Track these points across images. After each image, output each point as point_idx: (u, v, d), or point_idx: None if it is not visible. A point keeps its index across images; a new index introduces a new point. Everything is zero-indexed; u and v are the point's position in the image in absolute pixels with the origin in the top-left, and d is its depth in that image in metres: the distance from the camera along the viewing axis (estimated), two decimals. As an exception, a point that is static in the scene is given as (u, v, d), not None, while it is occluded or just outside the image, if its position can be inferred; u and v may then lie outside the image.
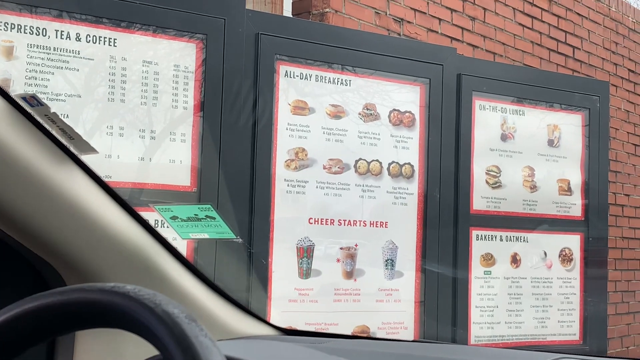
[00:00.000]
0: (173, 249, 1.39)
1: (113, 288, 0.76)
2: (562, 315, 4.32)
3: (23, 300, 0.79)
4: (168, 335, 0.70)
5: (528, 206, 4.25)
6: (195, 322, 0.72)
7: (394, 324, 3.71)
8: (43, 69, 2.94)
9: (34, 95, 1.10)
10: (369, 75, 3.73)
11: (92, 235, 1.21)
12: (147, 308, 0.73)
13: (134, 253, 1.28)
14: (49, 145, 1.15)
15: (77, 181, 1.19)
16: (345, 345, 1.39)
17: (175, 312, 0.72)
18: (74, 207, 1.18)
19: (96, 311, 0.77)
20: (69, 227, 1.19)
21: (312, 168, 3.53)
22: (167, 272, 1.34)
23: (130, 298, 0.74)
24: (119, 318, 0.75)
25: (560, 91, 4.40)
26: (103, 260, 1.25)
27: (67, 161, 1.18)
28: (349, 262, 3.60)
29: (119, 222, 1.26)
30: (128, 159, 3.08)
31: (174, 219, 1.37)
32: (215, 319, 1.43)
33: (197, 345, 0.69)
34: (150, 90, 3.15)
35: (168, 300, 0.74)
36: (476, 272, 4.04)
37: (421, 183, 3.82)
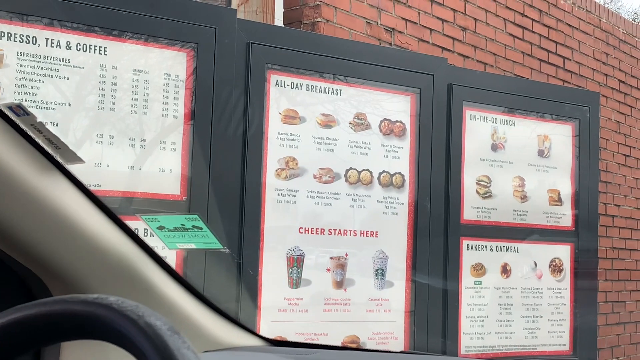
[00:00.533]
0: (159, 259, 1.38)
1: (96, 300, 0.76)
2: (552, 326, 4.32)
3: (6, 312, 0.79)
4: (150, 347, 0.70)
5: (518, 216, 4.26)
6: (178, 334, 0.71)
7: (384, 334, 3.70)
8: (33, 77, 2.93)
9: (20, 104, 1.09)
10: (360, 84, 3.73)
11: (78, 245, 1.21)
12: (129, 320, 0.72)
13: (120, 263, 1.27)
14: (35, 154, 1.14)
15: (63, 191, 1.19)
16: (331, 357, 1.39)
17: (158, 324, 0.72)
18: (60, 217, 1.17)
19: (79, 323, 0.76)
20: (54, 236, 1.18)
21: (303, 177, 3.53)
22: (153, 282, 1.33)
23: (113, 310, 0.74)
24: (102, 330, 0.75)
25: (551, 101, 4.41)
26: (89, 270, 1.24)
27: (53, 171, 1.17)
28: (339, 271, 3.59)
29: (105, 232, 1.25)
30: (118, 168, 3.07)
31: (160, 229, 1.37)
32: (201, 329, 1.43)
33: (179, 357, 0.69)
34: (141, 99, 3.15)
35: (151, 312, 0.74)
36: (466, 282, 4.04)
37: (412, 193, 3.82)
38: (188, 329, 1.40)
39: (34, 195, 1.13)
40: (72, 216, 1.19)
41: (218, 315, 1.54)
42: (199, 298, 1.49)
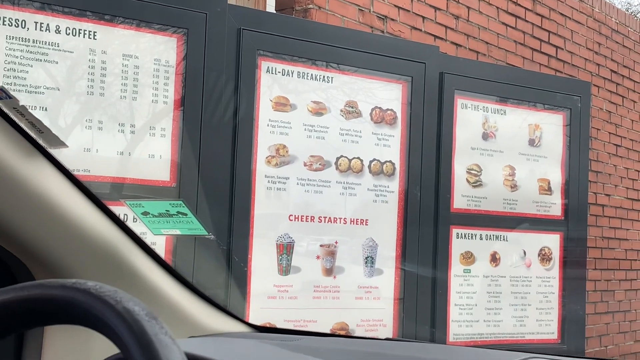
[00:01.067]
0: (145, 245, 1.38)
1: (74, 284, 0.76)
2: (541, 314, 4.34)
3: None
4: (127, 332, 0.69)
5: (508, 205, 4.27)
6: (156, 319, 0.71)
7: (373, 321, 3.71)
8: (22, 61, 2.92)
9: (2, 87, 1.08)
10: (352, 72, 3.73)
11: (61, 230, 1.20)
12: (107, 305, 0.72)
13: (104, 249, 1.27)
14: (17, 138, 1.13)
15: (47, 175, 1.18)
16: (315, 343, 1.39)
17: (136, 309, 0.72)
18: (43, 202, 1.16)
19: (57, 307, 0.76)
20: (37, 221, 1.17)
21: (293, 165, 3.52)
22: (139, 268, 1.33)
23: (91, 295, 0.74)
24: (80, 315, 0.75)
25: (542, 91, 4.41)
26: (72, 255, 1.24)
27: (36, 155, 1.16)
28: (329, 259, 3.60)
29: (90, 217, 1.25)
30: (107, 154, 3.06)
31: (145, 215, 1.36)
32: (186, 316, 1.43)
33: (157, 343, 0.68)
34: (130, 85, 3.13)
35: (129, 298, 0.73)
36: (456, 270, 4.06)
37: (402, 181, 3.82)
38: (173, 316, 1.40)
39: (16, 180, 1.12)
40: (56, 201, 1.19)
41: (204, 302, 1.53)
42: (185, 285, 1.49)
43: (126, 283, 1.29)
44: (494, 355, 1.34)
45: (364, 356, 1.26)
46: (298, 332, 1.67)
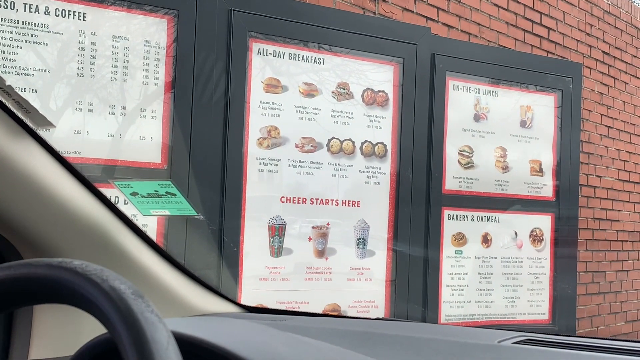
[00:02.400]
0: (134, 225, 1.38)
1: (60, 263, 0.75)
2: (532, 295, 4.36)
3: (-31, 275, 0.78)
4: (113, 311, 0.69)
5: (500, 186, 4.28)
6: (142, 297, 0.71)
7: (364, 302, 3.73)
8: (11, 43, 2.90)
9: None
10: (343, 54, 3.71)
11: (49, 210, 1.20)
12: (93, 283, 0.72)
13: (92, 229, 1.26)
14: (4, 118, 1.13)
15: (34, 156, 1.17)
16: (305, 323, 1.39)
17: (122, 287, 0.71)
18: (30, 182, 1.16)
19: (43, 287, 0.76)
20: (24, 201, 1.17)
21: (285, 146, 3.52)
22: (127, 248, 1.33)
23: (77, 273, 0.73)
24: (66, 293, 0.74)
25: (534, 72, 4.41)
26: (60, 235, 1.23)
27: (23, 135, 1.16)
28: (321, 240, 3.60)
29: (77, 197, 1.24)
30: (98, 136, 3.05)
31: (133, 195, 1.36)
32: (176, 296, 1.43)
33: (142, 321, 0.68)
34: (121, 67, 3.12)
35: (115, 276, 0.73)
36: (447, 251, 4.07)
37: (394, 162, 3.82)
38: (162, 296, 1.40)
39: (3, 160, 1.12)
40: (43, 181, 1.18)
41: (194, 283, 1.54)
42: (175, 266, 1.49)
43: (115, 263, 1.29)
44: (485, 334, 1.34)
45: (355, 335, 1.26)
46: (288, 312, 1.67)
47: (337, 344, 1.05)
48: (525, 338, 1.29)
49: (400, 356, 1.10)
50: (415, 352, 1.13)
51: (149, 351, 0.64)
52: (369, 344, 1.17)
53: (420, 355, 1.11)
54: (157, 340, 0.66)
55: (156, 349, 0.65)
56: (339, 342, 1.10)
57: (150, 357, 0.64)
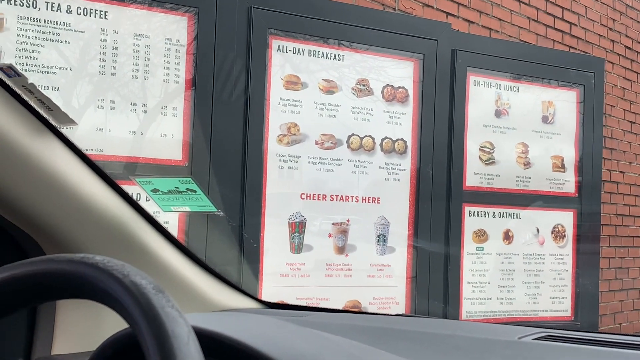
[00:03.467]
0: (155, 222, 1.39)
1: (82, 259, 0.76)
2: (554, 292, 4.34)
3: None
4: (135, 305, 0.70)
5: (521, 183, 4.25)
6: (163, 293, 0.72)
7: (385, 299, 3.73)
8: (34, 42, 2.93)
9: (11, 65, 1.09)
10: (363, 50, 3.71)
11: (71, 206, 1.21)
12: (114, 279, 0.73)
13: (114, 225, 1.27)
14: (27, 116, 1.14)
15: (56, 152, 1.19)
16: (325, 319, 1.39)
17: (143, 282, 0.72)
18: (53, 179, 1.17)
19: (65, 282, 0.76)
20: (47, 198, 1.18)
21: (305, 143, 3.52)
22: (148, 244, 1.34)
23: (99, 269, 0.74)
24: (88, 289, 0.75)
25: (556, 67, 4.38)
26: (82, 231, 1.24)
27: (45, 132, 1.17)
28: (341, 237, 3.60)
29: (99, 194, 1.25)
30: (120, 133, 3.07)
31: (154, 192, 1.37)
32: (196, 292, 1.44)
33: (163, 315, 0.69)
34: (142, 64, 3.14)
35: (136, 271, 0.74)
36: (468, 248, 4.05)
37: (414, 159, 3.82)
38: (183, 292, 1.41)
39: (26, 157, 1.13)
40: (66, 178, 1.19)
41: (215, 279, 1.54)
42: (195, 262, 1.50)
43: (136, 259, 1.30)
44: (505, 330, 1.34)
45: (375, 331, 1.26)
46: (308, 308, 1.68)
47: (357, 339, 1.05)
48: (546, 334, 1.28)
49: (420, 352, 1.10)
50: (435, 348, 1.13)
51: (169, 346, 0.65)
52: (389, 340, 1.17)
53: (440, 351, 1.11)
54: (177, 335, 0.66)
55: (177, 344, 0.65)
56: (359, 338, 1.10)
57: (170, 351, 0.65)
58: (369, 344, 1.02)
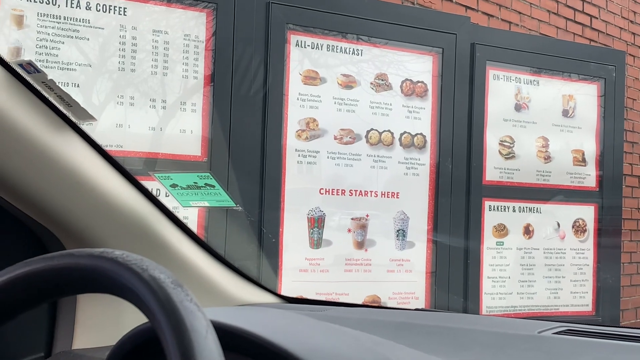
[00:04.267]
0: (174, 216, 1.39)
1: (102, 253, 0.76)
2: (575, 286, 4.31)
3: (14, 266, 0.79)
4: (153, 299, 0.70)
5: (542, 177, 4.23)
6: (181, 287, 0.72)
7: (404, 294, 3.72)
8: (54, 38, 2.95)
9: (31, 62, 1.09)
10: (382, 45, 3.70)
11: (91, 202, 1.22)
12: (133, 273, 0.73)
13: (133, 220, 1.28)
14: (46, 112, 1.15)
15: (76, 148, 1.19)
16: (344, 313, 1.39)
17: (162, 277, 0.72)
18: (72, 174, 1.18)
19: (85, 276, 0.77)
20: (67, 194, 1.19)
21: (323, 138, 3.52)
22: (167, 239, 1.34)
23: (118, 263, 0.74)
24: (107, 283, 0.75)
25: (576, 61, 4.34)
26: (102, 226, 1.25)
27: (65, 128, 1.18)
28: (360, 232, 3.60)
29: (118, 189, 1.26)
30: (139, 129, 3.09)
31: (173, 187, 1.37)
32: (215, 286, 1.44)
33: (182, 309, 0.69)
34: (161, 60, 3.15)
35: (155, 266, 0.74)
36: (488, 242, 4.04)
37: (433, 153, 3.80)
38: (202, 286, 1.41)
39: (46, 153, 1.14)
40: (85, 173, 1.20)
41: (234, 273, 1.55)
42: (214, 256, 1.50)
43: (155, 254, 1.31)
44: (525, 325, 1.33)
45: (394, 326, 1.26)
46: (328, 303, 1.68)
47: (376, 334, 1.05)
48: (566, 328, 1.27)
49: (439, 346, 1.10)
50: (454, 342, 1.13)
51: (188, 339, 0.65)
52: (408, 334, 1.17)
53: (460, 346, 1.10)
54: (196, 328, 0.67)
55: (195, 338, 0.66)
56: (378, 332, 1.10)
57: (189, 345, 0.65)
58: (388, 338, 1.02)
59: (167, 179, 1.36)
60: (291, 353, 0.79)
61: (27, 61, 1.09)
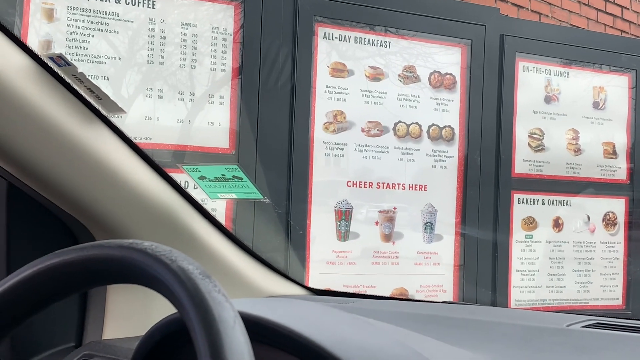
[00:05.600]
0: (203, 209, 1.40)
1: (131, 244, 0.77)
2: (605, 280, 4.27)
3: (45, 257, 0.81)
4: (182, 290, 0.71)
5: (572, 170, 4.19)
6: (209, 278, 0.72)
7: (432, 287, 3.71)
8: (83, 32, 2.97)
9: (61, 55, 1.10)
10: (410, 37, 3.68)
11: (121, 194, 1.23)
12: (162, 264, 0.73)
13: (162, 212, 1.29)
14: (76, 104, 1.16)
15: (106, 141, 1.20)
16: (371, 306, 1.40)
17: (190, 268, 0.73)
18: (102, 166, 1.19)
19: (115, 267, 0.78)
20: (97, 186, 1.20)
21: (351, 131, 3.52)
22: (196, 231, 1.35)
23: (147, 254, 0.75)
24: (137, 274, 0.76)
25: (607, 52, 4.29)
26: (132, 218, 1.26)
27: (95, 121, 1.19)
28: (388, 225, 3.60)
29: (148, 181, 1.27)
30: (168, 122, 3.11)
31: (201, 179, 1.38)
32: (243, 278, 1.45)
33: (210, 300, 0.69)
34: (189, 53, 3.16)
35: (184, 257, 0.75)
36: (517, 236, 4.01)
37: (462, 146, 3.78)
38: (230, 277, 1.42)
39: (76, 146, 1.15)
40: (115, 166, 1.21)
41: (261, 265, 1.56)
42: (242, 248, 1.51)
43: (184, 245, 1.32)
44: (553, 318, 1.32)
45: (421, 318, 1.26)
46: (355, 295, 1.68)
47: (403, 326, 1.05)
48: (595, 322, 1.26)
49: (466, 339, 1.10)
50: (482, 335, 1.13)
51: (216, 330, 0.66)
52: (436, 327, 1.17)
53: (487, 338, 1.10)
54: (223, 319, 0.67)
55: (223, 328, 0.66)
56: (405, 324, 1.10)
57: (217, 335, 0.65)
58: (415, 331, 1.02)
59: (195, 171, 1.37)
60: (318, 344, 0.79)
61: (58, 54, 1.11)
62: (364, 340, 0.86)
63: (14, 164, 1.13)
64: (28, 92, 1.08)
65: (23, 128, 1.09)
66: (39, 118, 1.10)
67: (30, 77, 1.08)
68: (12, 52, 1.07)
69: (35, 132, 1.10)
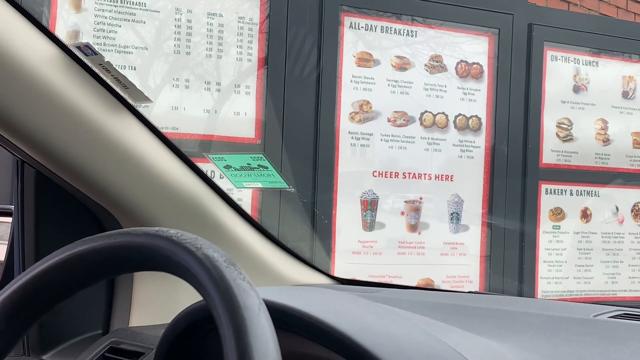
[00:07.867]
0: (229, 198, 1.41)
1: (157, 232, 0.78)
2: (634, 271, 4.22)
3: (72, 244, 0.81)
4: (207, 277, 0.71)
5: (600, 160, 4.14)
6: (235, 265, 0.73)
7: (458, 277, 3.69)
8: (111, 22, 2.99)
9: (88, 44, 1.11)
10: (437, 26, 3.66)
11: (147, 182, 1.24)
12: (188, 251, 0.74)
13: (188, 200, 1.30)
14: (103, 94, 1.17)
15: (132, 130, 1.21)
16: (396, 295, 1.39)
17: (215, 255, 0.73)
18: (129, 155, 1.20)
19: (141, 254, 0.78)
20: (124, 174, 1.21)
21: (377, 121, 3.51)
22: (222, 219, 1.36)
23: (173, 242, 0.76)
24: (162, 261, 0.77)
25: (637, 41, 4.23)
26: (158, 206, 1.27)
27: (122, 110, 1.20)
28: (414, 215, 3.58)
29: (174, 170, 1.28)
30: (194, 112, 3.12)
31: (227, 168, 1.39)
32: (268, 266, 1.45)
33: (235, 287, 0.70)
34: (215, 43, 3.17)
35: (209, 245, 0.75)
36: (545, 226, 3.98)
37: (489, 136, 3.76)
38: (255, 266, 1.43)
39: (103, 135, 1.16)
40: (142, 154, 1.22)
41: (287, 254, 1.56)
42: (268, 237, 1.51)
43: (210, 233, 1.32)
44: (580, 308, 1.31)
45: (446, 308, 1.26)
46: (380, 285, 1.68)
47: (428, 315, 1.05)
48: (622, 312, 1.25)
49: (492, 329, 1.09)
50: (507, 324, 1.12)
51: (240, 317, 0.66)
52: (460, 316, 1.16)
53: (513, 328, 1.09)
54: (248, 306, 0.67)
55: (248, 315, 0.66)
56: (430, 314, 1.09)
57: (241, 322, 0.66)
58: (440, 320, 1.02)
59: (220, 160, 1.37)
60: (343, 332, 0.79)
61: (85, 44, 1.12)
62: (388, 329, 0.86)
63: (43, 153, 1.15)
64: (56, 81, 1.09)
65: (51, 117, 1.10)
66: (67, 107, 1.11)
67: (59, 67, 1.09)
68: (41, 42, 1.08)
69: (63, 121, 1.12)
